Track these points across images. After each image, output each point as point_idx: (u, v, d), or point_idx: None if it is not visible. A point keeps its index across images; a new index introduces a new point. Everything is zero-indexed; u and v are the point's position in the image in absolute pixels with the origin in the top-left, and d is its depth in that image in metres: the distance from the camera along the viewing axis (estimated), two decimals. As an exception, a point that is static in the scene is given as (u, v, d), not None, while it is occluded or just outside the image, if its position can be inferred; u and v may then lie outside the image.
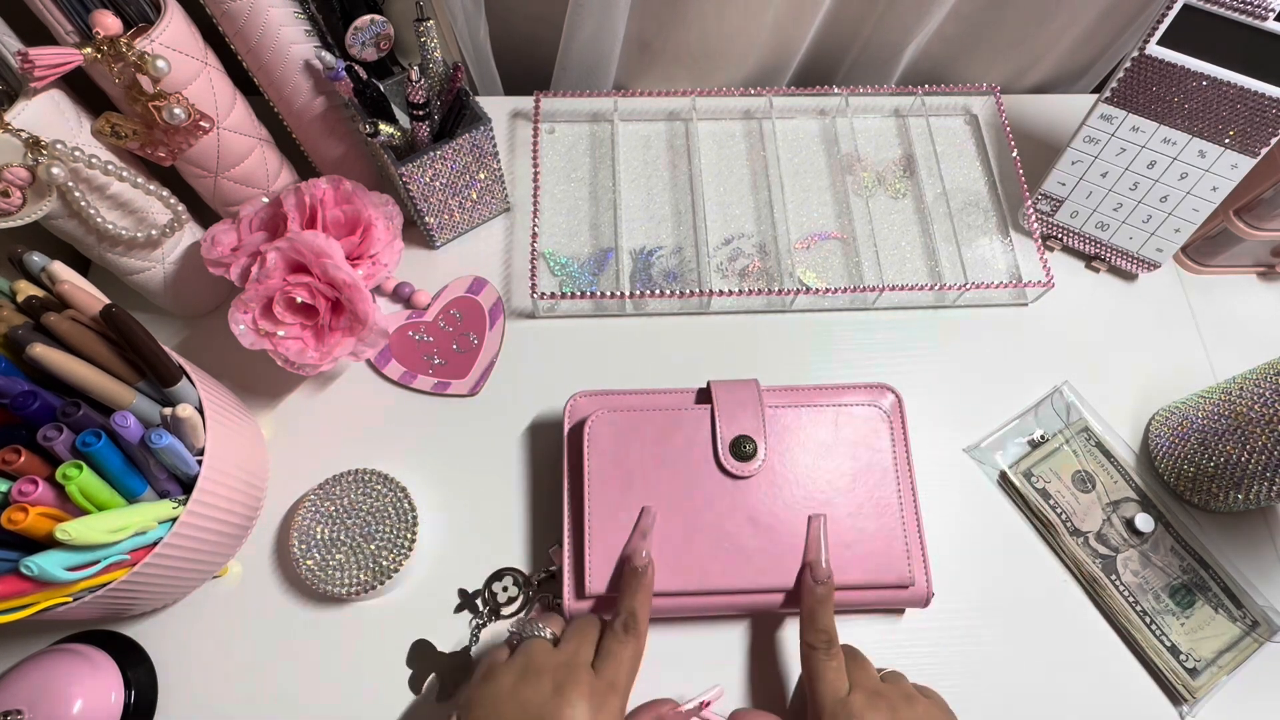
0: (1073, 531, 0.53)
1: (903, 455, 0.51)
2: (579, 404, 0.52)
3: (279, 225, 0.52)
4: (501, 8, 0.64)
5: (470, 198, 0.60)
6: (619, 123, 0.68)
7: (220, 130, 0.49)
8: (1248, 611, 0.52)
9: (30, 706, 0.41)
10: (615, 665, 0.40)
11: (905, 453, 0.51)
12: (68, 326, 0.41)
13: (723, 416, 0.50)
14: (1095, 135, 0.58)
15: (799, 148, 0.68)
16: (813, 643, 0.43)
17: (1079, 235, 0.63)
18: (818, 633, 0.43)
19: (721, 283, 0.61)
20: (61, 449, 0.40)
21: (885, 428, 0.50)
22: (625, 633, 0.41)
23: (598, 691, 0.38)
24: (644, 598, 0.43)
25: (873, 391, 0.52)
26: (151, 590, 0.45)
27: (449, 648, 0.50)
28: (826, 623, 0.43)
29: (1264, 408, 0.48)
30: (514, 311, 0.60)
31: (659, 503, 0.48)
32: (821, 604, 0.44)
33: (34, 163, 0.42)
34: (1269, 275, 0.64)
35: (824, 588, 0.45)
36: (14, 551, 0.39)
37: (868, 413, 0.51)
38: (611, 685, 0.39)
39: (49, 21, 0.42)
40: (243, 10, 0.46)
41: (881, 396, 0.52)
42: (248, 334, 0.49)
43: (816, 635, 0.43)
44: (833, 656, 0.42)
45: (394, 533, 0.50)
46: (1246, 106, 0.52)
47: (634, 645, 0.41)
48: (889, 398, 0.52)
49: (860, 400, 0.52)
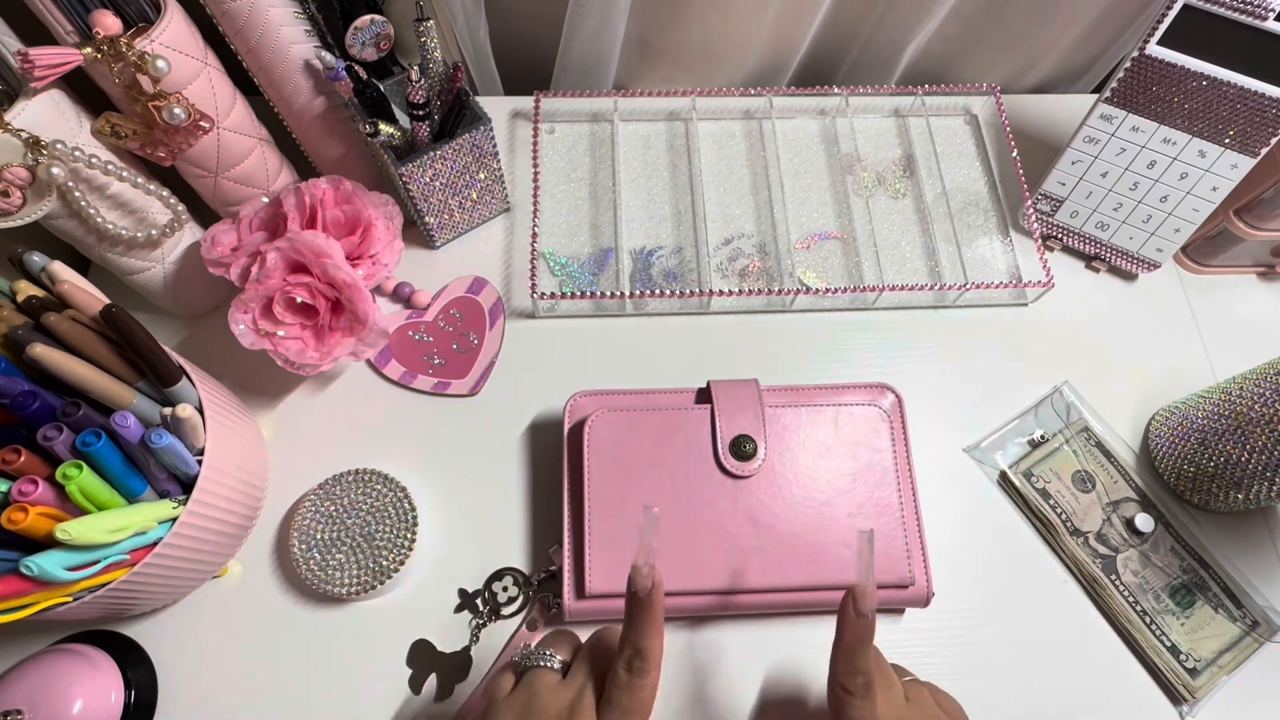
0: (1073, 531, 0.53)
1: (903, 455, 0.51)
2: (579, 403, 0.52)
3: (279, 225, 0.52)
4: (501, 8, 0.64)
5: (470, 198, 0.60)
6: (619, 123, 0.68)
7: (220, 130, 0.49)
8: (1248, 611, 0.52)
9: (30, 706, 0.41)
10: (618, 715, 0.34)
11: (905, 452, 0.51)
12: (68, 326, 0.41)
13: (723, 416, 0.50)
14: (1095, 135, 0.58)
15: (799, 148, 0.68)
16: (849, 687, 0.36)
17: (1079, 235, 0.63)
18: (855, 676, 0.36)
19: (721, 283, 0.61)
20: (61, 449, 0.40)
21: (885, 427, 0.50)
22: (629, 674, 0.35)
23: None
24: (651, 628, 0.35)
25: (873, 391, 0.52)
26: (151, 590, 0.45)
27: (449, 648, 0.50)
28: (866, 664, 0.36)
29: (1264, 408, 0.48)
30: (514, 311, 0.60)
31: (659, 503, 0.48)
32: (863, 642, 0.36)
33: (34, 163, 0.42)
34: (1269, 275, 0.64)
35: (866, 621, 0.36)
36: (14, 551, 0.39)
37: (868, 412, 0.51)
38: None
39: (49, 21, 0.42)
40: (243, 10, 0.46)
41: (882, 396, 0.52)
42: (248, 334, 0.49)
43: (854, 680, 0.36)
44: (870, 702, 0.36)
45: (394, 533, 0.50)
46: (1246, 106, 0.52)
47: (642, 689, 0.35)
48: (889, 397, 0.52)
49: (860, 400, 0.52)
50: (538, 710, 0.35)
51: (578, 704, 0.35)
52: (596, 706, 0.35)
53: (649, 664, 0.35)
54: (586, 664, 0.37)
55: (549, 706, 0.35)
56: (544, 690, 0.36)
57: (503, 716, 0.35)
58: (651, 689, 0.35)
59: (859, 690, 0.36)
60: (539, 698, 0.35)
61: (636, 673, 0.35)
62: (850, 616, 0.37)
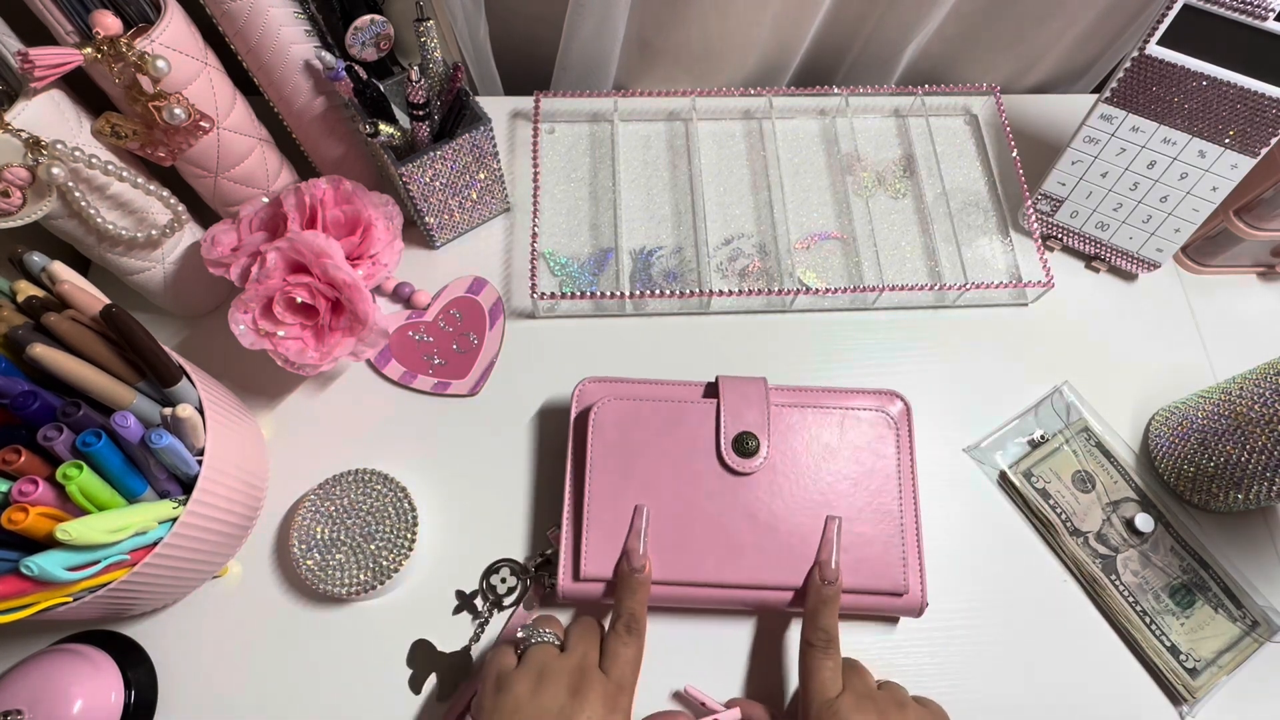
0: (1073, 531, 0.53)
1: (907, 464, 0.50)
2: (587, 389, 0.52)
3: (279, 225, 0.52)
4: (501, 8, 0.64)
5: (470, 198, 0.60)
6: (619, 123, 0.68)
7: (220, 130, 0.49)
8: (1248, 611, 0.52)
9: (30, 706, 0.41)
10: (622, 665, 0.41)
11: (910, 461, 0.50)
12: (68, 326, 0.41)
13: (728, 411, 0.50)
14: (1095, 135, 0.58)
15: (799, 148, 0.68)
16: (811, 640, 0.44)
17: (1079, 235, 0.63)
18: (818, 631, 0.44)
19: (721, 283, 0.61)
20: (61, 449, 0.40)
21: (891, 435, 0.50)
22: (628, 634, 0.43)
23: (609, 694, 0.40)
24: (643, 598, 0.45)
25: (882, 397, 0.52)
26: (151, 590, 0.45)
27: (449, 648, 0.50)
28: (828, 623, 0.44)
29: (1264, 408, 0.48)
30: (514, 311, 0.60)
31: (659, 493, 0.48)
32: (826, 604, 0.45)
33: (34, 163, 0.42)
34: (1269, 275, 0.64)
35: (831, 588, 0.45)
36: (14, 551, 0.39)
37: (875, 418, 0.51)
38: (620, 685, 0.41)
39: (49, 21, 0.42)
40: (243, 10, 0.46)
41: (890, 403, 0.52)
42: (248, 334, 0.49)
43: (816, 634, 0.44)
44: (830, 656, 0.43)
45: (394, 533, 0.50)
46: (1246, 106, 0.52)
47: (636, 645, 0.43)
48: (898, 405, 0.52)
49: (869, 405, 0.51)
50: (553, 673, 0.40)
51: (584, 663, 0.41)
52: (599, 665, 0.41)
53: (641, 627, 0.43)
54: (582, 635, 0.43)
55: (558, 670, 0.40)
56: (550, 658, 0.41)
57: (518, 684, 0.40)
58: (640, 649, 0.43)
59: (820, 644, 0.43)
60: (549, 664, 0.41)
61: (633, 632, 0.43)
62: (815, 584, 0.46)
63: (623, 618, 0.43)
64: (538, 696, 0.39)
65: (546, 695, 0.39)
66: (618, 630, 0.43)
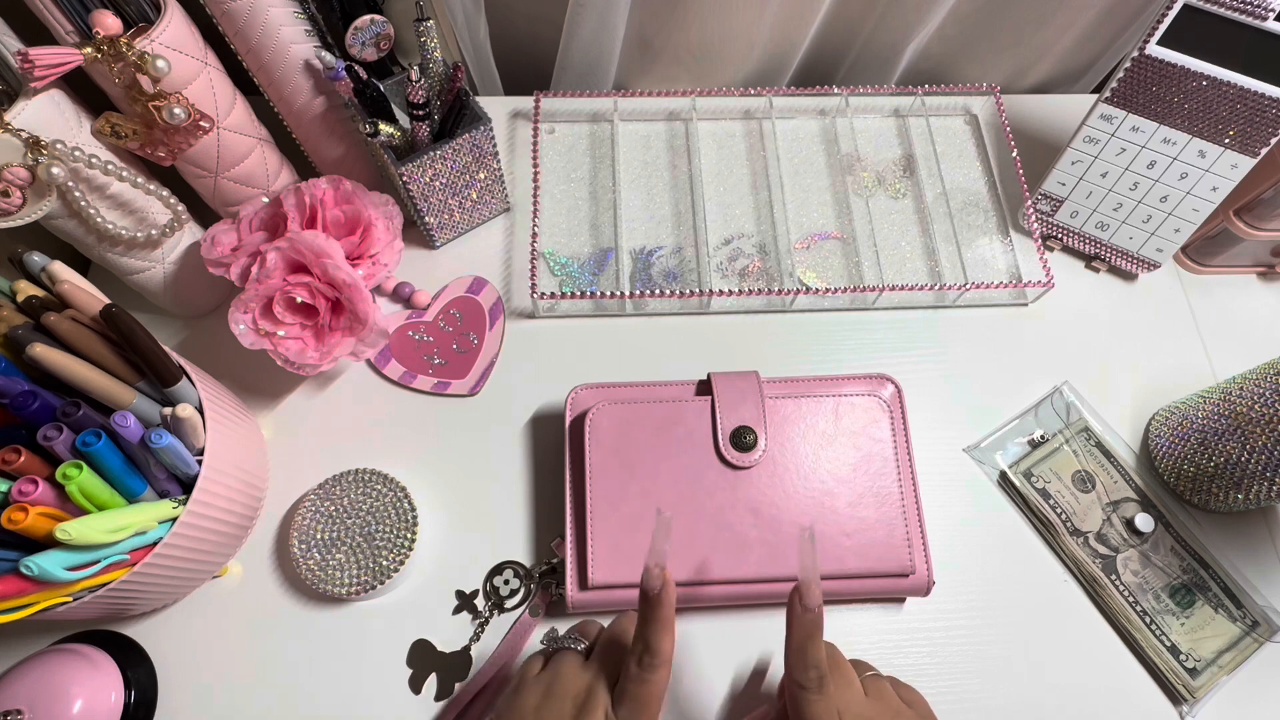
0: (1073, 531, 0.53)
1: (903, 445, 0.51)
2: (581, 396, 0.52)
3: (279, 225, 0.52)
4: (501, 8, 0.64)
5: (470, 198, 0.60)
6: (619, 123, 0.68)
7: (220, 130, 0.49)
8: (1248, 611, 0.52)
9: (30, 706, 0.41)
10: (629, 706, 0.36)
11: (905, 443, 0.51)
12: (68, 326, 0.41)
13: (723, 407, 0.50)
14: (1095, 135, 0.58)
15: (799, 148, 0.68)
16: (803, 683, 0.37)
17: (1079, 235, 0.63)
18: (808, 670, 0.37)
19: (721, 283, 0.61)
20: (61, 449, 0.40)
21: (885, 417, 0.51)
22: (639, 668, 0.36)
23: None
24: (662, 625, 0.37)
25: (872, 382, 0.53)
26: (151, 590, 0.45)
27: (449, 648, 0.50)
28: (817, 658, 0.37)
29: (1264, 408, 0.48)
30: (514, 311, 0.60)
31: (661, 494, 0.48)
32: (812, 636, 0.37)
33: (34, 163, 0.42)
34: (1269, 275, 0.64)
35: (814, 616, 0.37)
36: (14, 551, 0.39)
37: (868, 403, 0.51)
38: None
39: (49, 21, 0.42)
40: (243, 10, 0.46)
41: (881, 387, 0.53)
42: (248, 334, 0.49)
43: (807, 675, 0.37)
44: (824, 695, 0.37)
45: (394, 533, 0.50)
46: (1246, 106, 0.52)
47: (651, 684, 0.36)
48: (889, 388, 0.53)
49: (860, 390, 0.52)
50: (560, 690, 0.38)
51: (594, 688, 0.37)
52: (611, 693, 0.37)
53: (658, 660, 0.36)
54: (602, 654, 0.39)
55: (569, 687, 0.38)
56: (566, 671, 0.39)
57: (529, 693, 0.39)
58: (661, 684, 0.37)
59: (812, 684, 0.37)
60: (562, 678, 0.38)
61: (647, 668, 0.36)
62: (798, 612, 0.38)
63: (636, 650, 0.36)
64: (541, 712, 0.37)
65: (550, 713, 0.37)
66: (629, 666, 0.36)
